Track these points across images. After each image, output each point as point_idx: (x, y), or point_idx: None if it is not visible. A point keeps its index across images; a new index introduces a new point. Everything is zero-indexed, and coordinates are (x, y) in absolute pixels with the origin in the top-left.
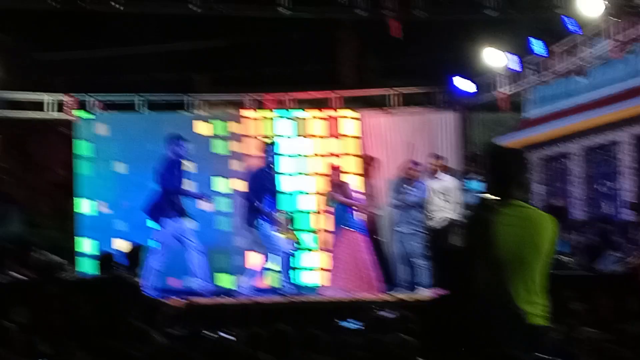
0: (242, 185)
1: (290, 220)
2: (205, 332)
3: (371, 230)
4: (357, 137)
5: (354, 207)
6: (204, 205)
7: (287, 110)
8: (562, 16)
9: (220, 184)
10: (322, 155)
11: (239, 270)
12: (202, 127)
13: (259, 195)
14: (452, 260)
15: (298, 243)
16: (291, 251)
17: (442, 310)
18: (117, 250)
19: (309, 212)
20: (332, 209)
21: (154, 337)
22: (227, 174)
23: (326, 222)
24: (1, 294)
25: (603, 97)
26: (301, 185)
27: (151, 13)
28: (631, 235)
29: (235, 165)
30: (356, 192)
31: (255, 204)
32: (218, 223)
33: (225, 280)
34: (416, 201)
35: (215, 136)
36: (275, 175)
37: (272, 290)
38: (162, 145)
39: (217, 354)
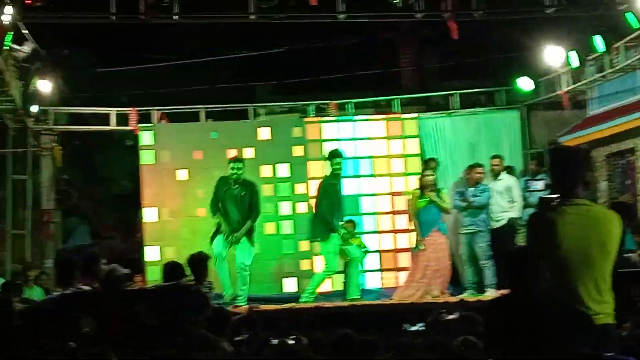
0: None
1: (354, 224)
2: (269, 337)
3: None
4: (417, 138)
5: (445, 211)
6: None
7: (349, 115)
8: (623, 12)
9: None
10: (384, 157)
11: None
12: (265, 134)
13: (330, 208)
14: (516, 261)
15: (363, 246)
16: (361, 255)
17: (504, 311)
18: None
19: (374, 214)
20: (417, 211)
21: (220, 344)
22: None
23: (392, 224)
24: (67, 306)
25: None
26: (364, 188)
27: (209, 24)
28: None
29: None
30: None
31: (327, 218)
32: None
33: (290, 285)
34: (482, 203)
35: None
36: (340, 185)
37: (336, 295)
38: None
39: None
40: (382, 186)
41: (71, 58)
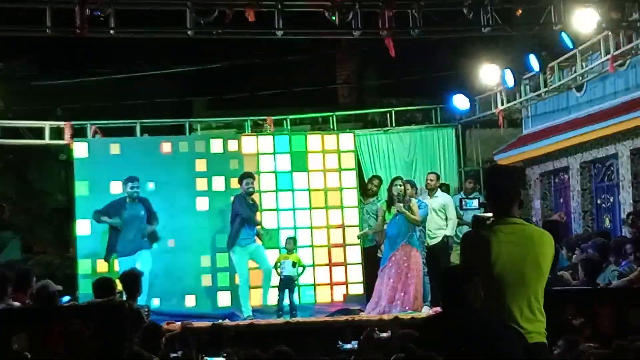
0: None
1: (293, 240)
2: (202, 355)
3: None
4: (353, 153)
5: (415, 222)
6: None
7: (285, 130)
8: (558, 32)
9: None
10: (319, 171)
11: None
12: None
13: (236, 222)
14: (450, 279)
15: (300, 264)
16: (295, 273)
17: (438, 329)
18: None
19: (308, 228)
20: (384, 225)
21: None
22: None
23: (327, 238)
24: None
25: (600, 112)
26: (299, 202)
27: (146, 38)
28: (630, 249)
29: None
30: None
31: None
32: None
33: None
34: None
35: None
36: (253, 203)
37: (269, 312)
38: (159, 167)
39: None
40: (317, 201)
41: (4, 71)
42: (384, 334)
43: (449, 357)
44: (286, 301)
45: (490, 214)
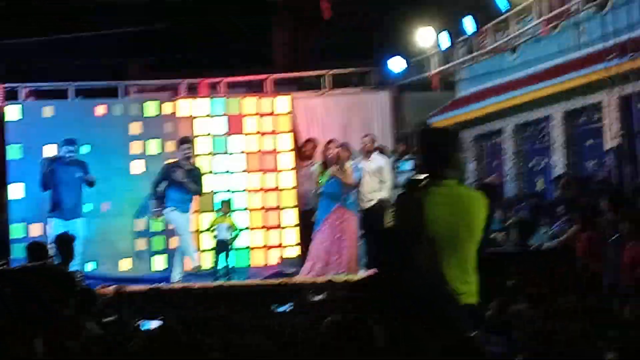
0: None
1: (228, 203)
2: (135, 319)
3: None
4: (290, 115)
5: (349, 185)
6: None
7: (221, 95)
8: None
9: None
10: (254, 134)
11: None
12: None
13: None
14: (384, 241)
15: (235, 228)
16: (230, 236)
17: (373, 289)
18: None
19: (243, 191)
20: (319, 186)
21: (87, 327)
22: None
23: (262, 201)
24: None
25: (533, 74)
26: (234, 166)
27: None
28: (560, 210)
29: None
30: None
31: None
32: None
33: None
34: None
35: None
36: (186, 169)
37: (204, 275)
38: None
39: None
40: (252, 163)
41: None
42: (319, 296)
43: (392, 319)
44: (222, 265)
45: (423, 176)
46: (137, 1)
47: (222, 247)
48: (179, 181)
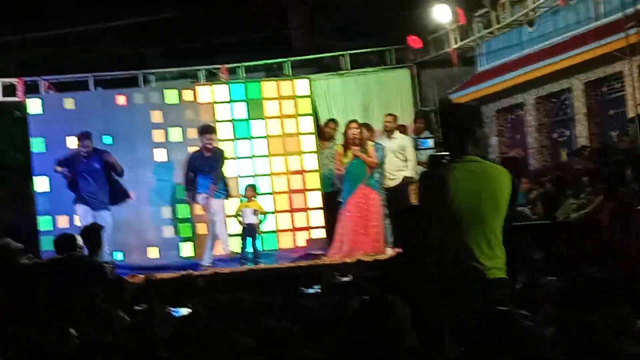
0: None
1: (253, 188)
2: (165, 306)
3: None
4: (309, 98)
5: (372, 165)
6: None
7: (240, 78)
8: None
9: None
10: (276, 117)
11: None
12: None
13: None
14: (409, 219)
15: (263, 213)
16: (257, 220)
17: (398, 269)
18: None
19: (268, 175)
20: (342, 168)
21: (118, 316)
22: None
23: (287, 184)
24: None
25: (553, 46)
26: (257, 150)
27: None
28: (585, 181)
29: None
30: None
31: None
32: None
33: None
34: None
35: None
36: (214, 157)
37: (233, 260)
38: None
39: (178, 328)
40: (275, 147)
41: None
42: (345, 278)
43: (409, 297)
44: (250, 249)
45: (446, 153)
46: None
47: (249, 231)
48: (203, 170)
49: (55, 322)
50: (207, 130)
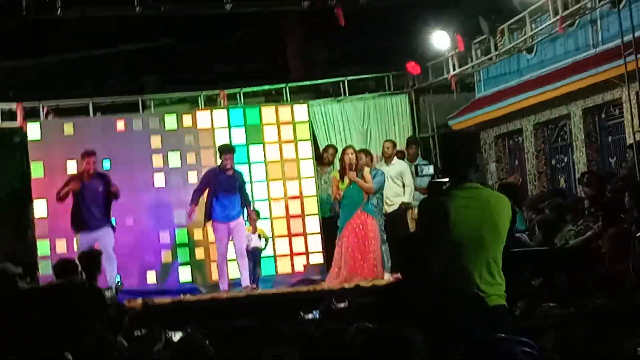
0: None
1: (257, 214)
2: (163, 331)
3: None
4: (307, 124)
5: (368, 190)
6: None
7: (239, 104)
8: None
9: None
10: (275, 143)
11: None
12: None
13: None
14: (407, 247)
15: (265, 237)
16: (260, 246)
17: (397, 296)
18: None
19: (266, 200)
20: (339, 194)
21: (117, 342)
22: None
23: (286, 209)
24: None
25: (551, 73)
26: (256, 176)
27: (94, 17)
28: (585, 207)
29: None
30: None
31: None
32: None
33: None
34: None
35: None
36: (234, 176)
37: (234, 284)
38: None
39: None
40: (274, 172)
41: None
42: (342, 304)
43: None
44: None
45: (446, 179)
46: (151, 17)
47: (254, 255)
48: (225, 189)
49: (54, 348)
50: (227, 150)
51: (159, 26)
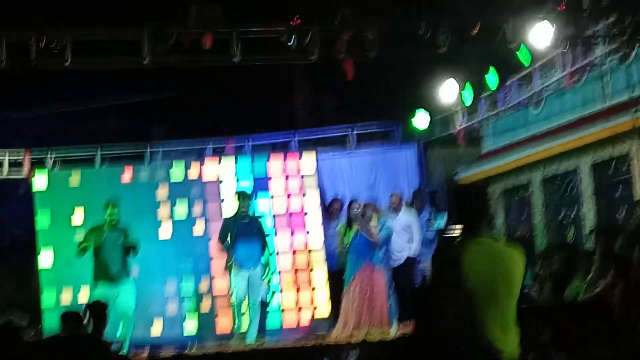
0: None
1: (267, 265)
2: None
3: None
4: (316, 175)
5: (374, 242)
6: None
7: (247, 155)
8: (516, 50)
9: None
10: (283, 195)
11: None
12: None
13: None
14: (419, 299)
15: (272, 290)
16: (268, 297)
17: (407, 351)
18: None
19: (273, 253)
20: (345, 246)
21: None
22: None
23: (292, 262)
24: None
25: (559, 127)
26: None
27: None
28: (594, 262)
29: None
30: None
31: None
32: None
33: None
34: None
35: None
36: (253, 223)
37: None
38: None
39: None
40: (281, 224)
41: None
42: (351, 359)
43: None
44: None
45: (458, 233)
46: (159, 68)
47: (262, 307)
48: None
49: None
50: (244, 196)
51: (166, 77)
